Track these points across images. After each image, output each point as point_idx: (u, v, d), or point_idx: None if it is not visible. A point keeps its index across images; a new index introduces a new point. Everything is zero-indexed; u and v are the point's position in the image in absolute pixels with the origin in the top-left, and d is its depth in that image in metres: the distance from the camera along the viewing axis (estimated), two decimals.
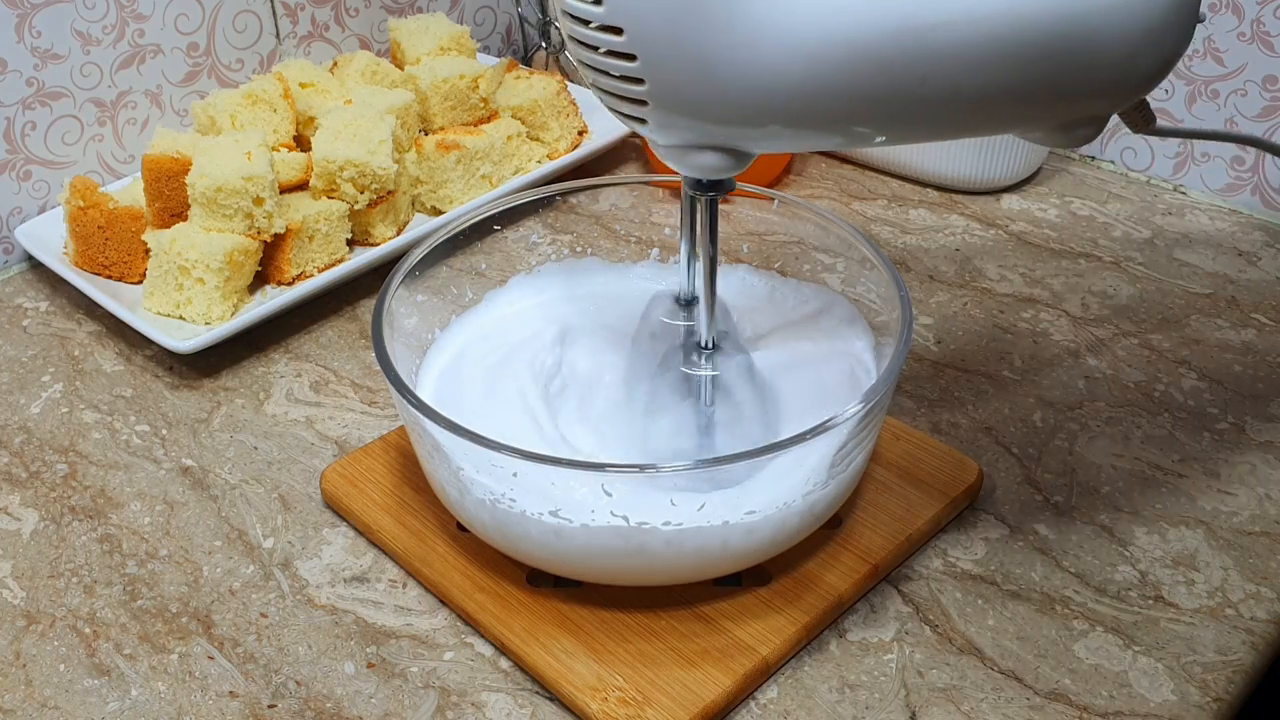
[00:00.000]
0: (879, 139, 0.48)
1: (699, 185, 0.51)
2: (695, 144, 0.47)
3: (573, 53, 0.46)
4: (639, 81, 0.44)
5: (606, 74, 0.45)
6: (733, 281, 0.66)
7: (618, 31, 0.43)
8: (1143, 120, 0.52)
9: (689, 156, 0.47)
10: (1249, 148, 0.53)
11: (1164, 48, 0.45)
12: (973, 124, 0.47)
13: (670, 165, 0.49)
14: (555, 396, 0.59)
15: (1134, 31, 0.44)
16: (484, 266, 0.65)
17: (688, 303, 0.57)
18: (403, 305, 0.59)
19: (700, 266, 0.53)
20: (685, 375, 0.56)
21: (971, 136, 0.54)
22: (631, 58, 0.43)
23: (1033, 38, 0.43)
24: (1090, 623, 0.54)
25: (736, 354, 0.57)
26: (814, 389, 0.59)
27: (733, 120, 0.45)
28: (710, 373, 0.55)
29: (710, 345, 0.55)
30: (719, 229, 0.52)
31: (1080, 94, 0.46)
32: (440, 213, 0.84)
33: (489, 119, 0.89)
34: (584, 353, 0.62)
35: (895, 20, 0.42)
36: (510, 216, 0.65)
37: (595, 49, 0.44)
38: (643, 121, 0.46)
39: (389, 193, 0.79)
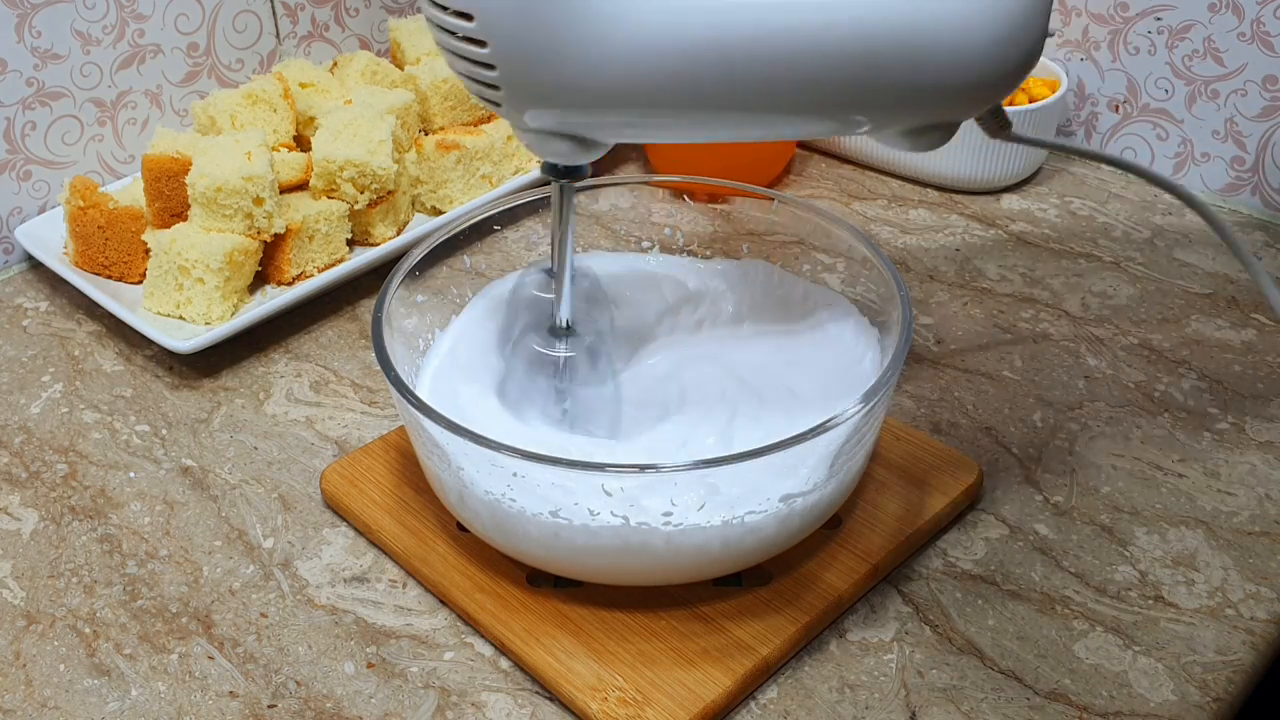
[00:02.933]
0: (723, 133, 0.49)
1: (554, 170, 0.53)
2: (547, 130, 0.48)
3: (434, 38, 0.47)
4: (490, 67, 0.45)
5: (463, 58, 0.46)
6: (747, 272, 0.66)
7: (468, 17, 0.44)
8: (998, 126, 0.53)
9: (542, 141, 0.49)
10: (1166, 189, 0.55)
11: (1010, 58, 0.46)
12: (818, 124, 0.49)
13: (526, 147, 0.51)
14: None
15: (979, 42, 0.44)
16: (484, 266, 0.65)
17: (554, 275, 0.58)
18: (403, 305, 0.59)
19: (555, 248, 0.55)
20: (538, 354, 0.57)
21: (820, 136, 0.55)
22: (483, 43, 0.45)
23: (878, 43, 0.44)
24: (1090, 623, 0.54)
25: (590, 341, 0.57)
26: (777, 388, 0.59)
27: (578, 108, 0.47)
28: (565, 354, 0.56)
29: (566, 327, 0.56)
30: (572, 219, 0.54)
31: (927, 101, 0.46)
32: (440, 213, 0.84)
33: (489, 119, 0.89)
34: (467, 337, 0.62)
35: (736, 22, 0.43)
36: (510, 216, 0.65)
37: (453, 34, 0.45)
38: (497, 105, 0.47)
39: (389, 193, 0.79)
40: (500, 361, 0.59)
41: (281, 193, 0.77)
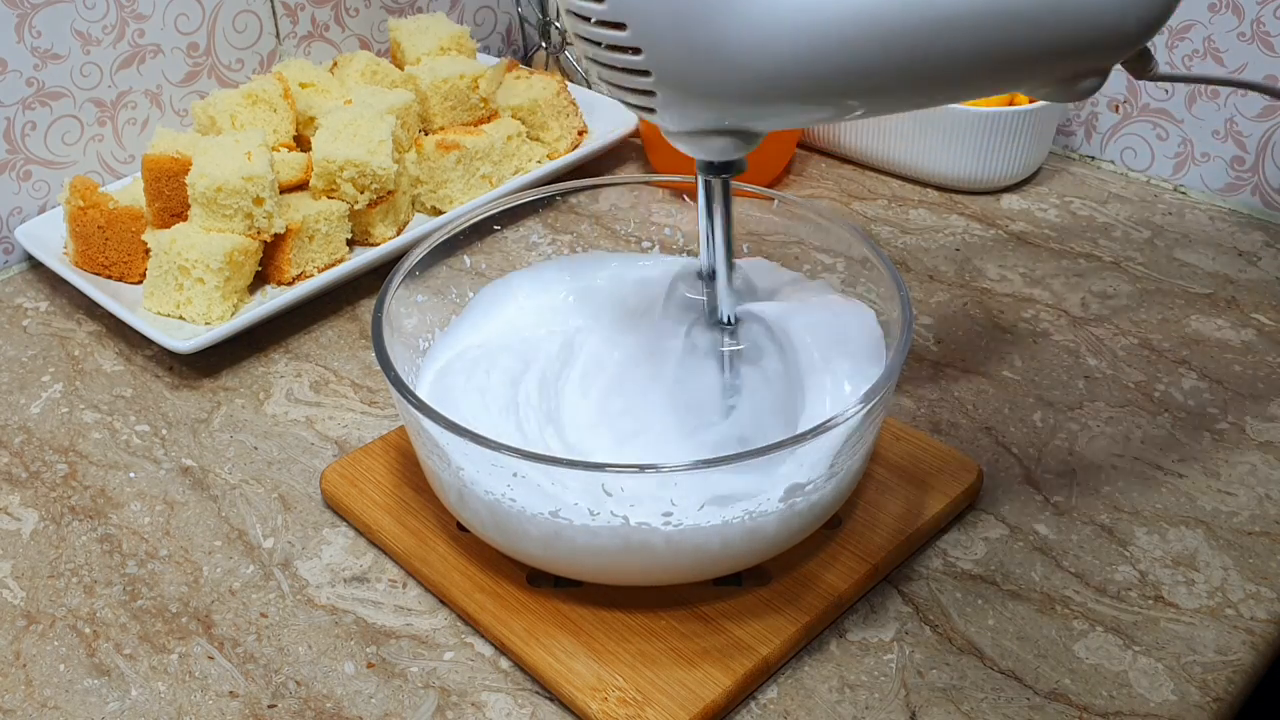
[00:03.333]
0: (885, 109, 0.48)
1: (710, 168, 0.52)
2: (704, 128, 0.48)
3: (578, 48, 0.46)
4: (645, 73, 0.45)
5: (612, 68, 0.45)
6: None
7: (620, 26, 0.43)
8: (1144, 67, 0.53)
9: (699, 140, 0.49)
10: (1259, 97, 0.54)
11: (1156, 2, 0.46)
12: (976, 87, 0.48)
13: (681, 149, 0.50)
14: (560, 391, 0.59)
15: None
16: (484, 266, 0.65)
17: (709, 277, 0.57)
18: (403, 305, 0.59)
19: (717, 244, 0.54)
20: (710, 351, 0.56)
21: (977, 98, 0.55)
22: (636, 51, 0.44)
23: (1033, 4, 0.44)
24: (1090, 623, 0.54)
25: (758, 327, 0.57)
26: (833, 336, 0.59)
27: (740, 102, 0.46)
28: (734, 346, 0.56)
29: (730, 320, 0.56)
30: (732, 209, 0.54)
31: (1079, 49, 0.47)
32: (440, 213, 0.84)
33: (489, 119, 0.89)
34: (596, 343, 0.61)
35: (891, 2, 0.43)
36: (510, 216, 0.65)
37: (599, 44, 0.45)
38: (651, 110, 0.47)
39: (389, 193, 0.79)
40: (662, 372, 0.58)
41: (281, 193, 0.77)
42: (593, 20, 0.44)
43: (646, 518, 0.49)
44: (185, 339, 0.70)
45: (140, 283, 0.76)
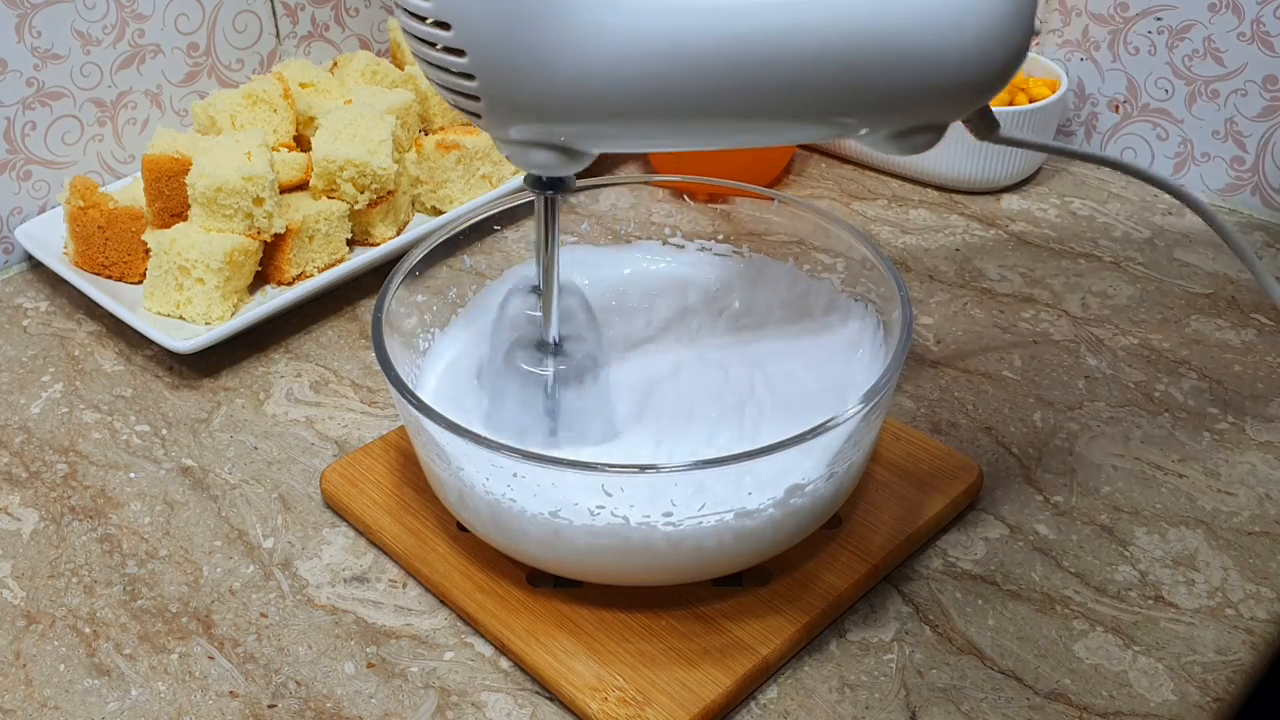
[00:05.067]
0: (709, 143, 0.48)
1: (538, 183, 0.51)
2: (530, 140, 0.47)
3: (409, 46, 0.46)
4: (470, 77, 0.44)
5: (439, 69, 0.45)
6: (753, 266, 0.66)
7: (447, 27, 0.43)
8: (986, 128, 0.52)
9: (524, 152, 0.48)
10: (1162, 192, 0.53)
11: (996, 58, 0.45)
12: (805, 130, 0.48)
13: (509, 160, 0.50)
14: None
15: (965, 41, 0.44)
16: (484, 266, 0.65)
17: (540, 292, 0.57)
18: (403, 305, 0.59)
19: (541, 264, 0.53)
20: (525, 372, 0.55)
21: (805, 142, 0.54)
22: (461, 53, 0.43)
23: (862, 47, 0.43)
24: (1090, 623, 0.54)
25: (581, 356, 0.56)
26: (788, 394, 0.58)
27: (560, 117, 0.45)
28: (548, 370, 0.55)
29: (555, 343, 0.55)
30: (558, 231, 0.53)
31: (914, 102, 0.46)
32: (440, 213, 0.84)
33: None
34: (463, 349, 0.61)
35: (720, 29, 0.42)
36: (510, 216, 0.65)
37: (431, 45, 0.44)
38: (478, 116, 0.46)
39: (389, 193, 0.79)
40: (484, 387, 0.58)
41: (281, 193, 0.77)
42: (426, 20, 0.44)
43: (646, 518, 0.49)
44: (185, 339, 0.70)
45: (140, 283, 0.76)
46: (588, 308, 0.58)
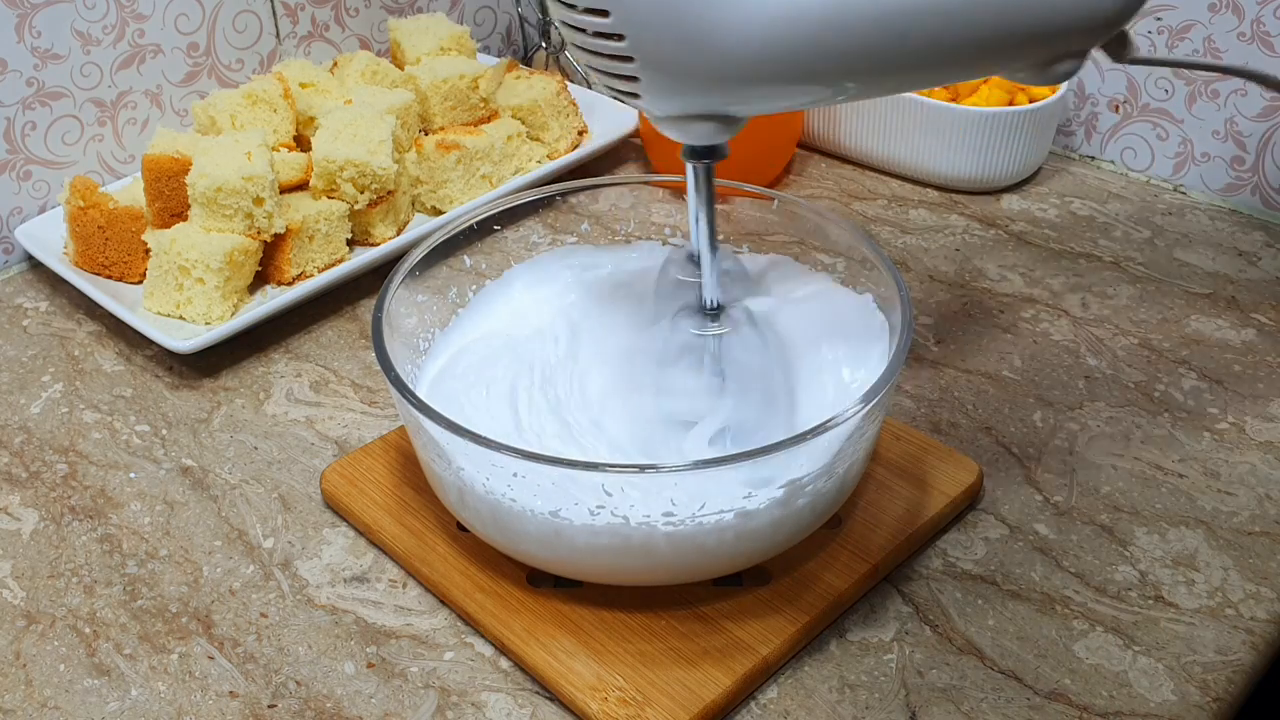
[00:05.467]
0: (866, 92, 0.49)
1: (694, 153, 0.52)
2: (688, 113, 0.48)
3: (564, 36, 0.47)
4: (628, 59, 0.45)
5: (597, 54, 0.46)
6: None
7: (604, 13, 0.44)
8: (1122, 49, 0.53)
9: (683, 125, 0.49)
10: (1257, 85, 0.54)
11: None
12: (955, 70, 0.49)
13: (665, 133, 0.51)
14: (554, 387, 0.59)
15: None
16: (484, 266, 0.65)
17: (699, 262, 0.57)
18: (403, 305, 0.59)
19: (700, 229, 0.54)
20: (694, 338, 0.56)
21: (956, 81, 0.56)
22: (620, 37, 0.45)
23: None
24: (1090, 623, 0.54)
25: (745, 314, 0.57)
26: (828, 326, 0.59)
27: (722, 86, 0.46)
28: (718, 332, 0.56)
29: (715, 305, 0.56)
30: (715, 199, 0.54)
31: (1057, 32, 0.47)
32: (440, 213, 0.84)
33: (489, 119, 0.89)
34: (587, 339, 0.61)
35: None
36: (510, 216, 0.65)
37: (584, 31, 0.45)
38: (636, 96, 0.47)
39: (389, 193, 0.79)
40: (647, 352, 0.58)
41: (281, 193, 0.77)
42: (577, 8, 0.45)
43: (646, 517, 0.49)
44: (185, 339, 0.70)
45: (140, 283, 0.76)
46: (743, 270, 0.59)
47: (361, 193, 0.77)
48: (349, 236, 0.79)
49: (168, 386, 0.71)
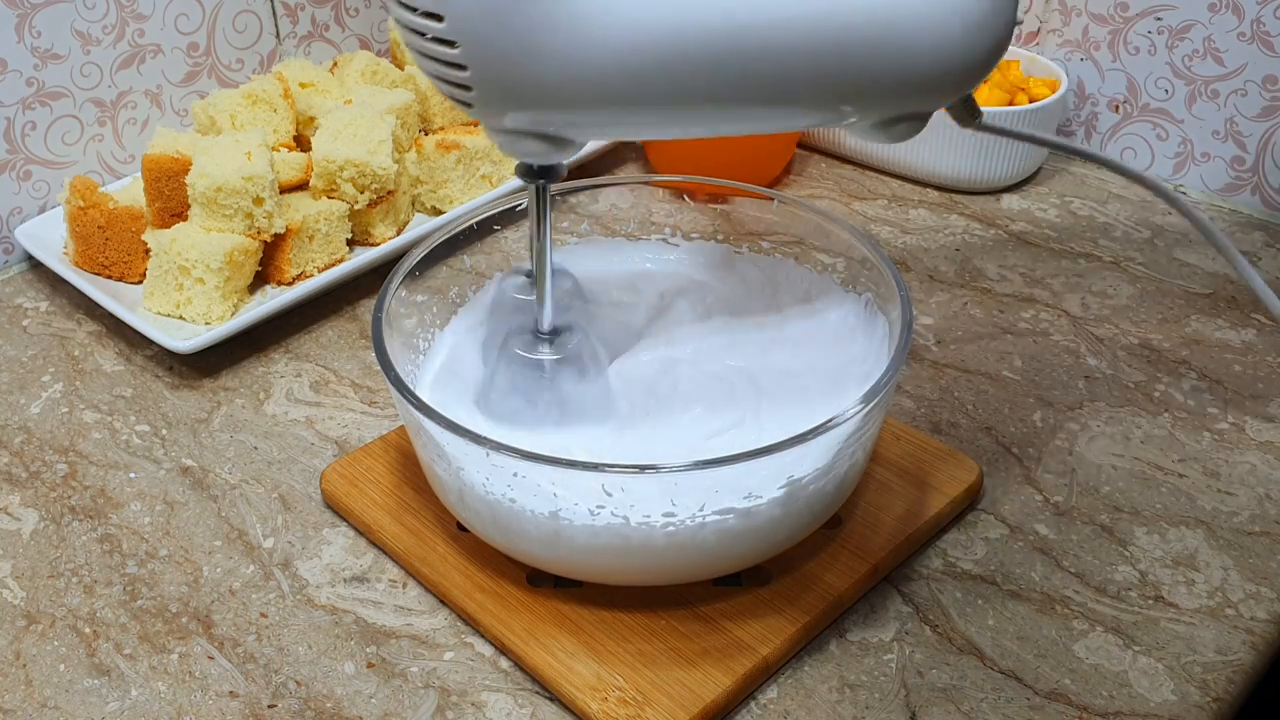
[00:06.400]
0: (698, 131, 0.49)
1: (529, 171, 0.52)
2: (521, 130, 0.48)
3: (401, 37, 0.47)
4: (461, 68, 0.45)
5: (432, 59, 0.45)
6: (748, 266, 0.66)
7: (438, 19, 0.44)
8: (969, 115, 0.53)
9: (515, 141, 0.49)
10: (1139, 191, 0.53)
11: (980, 47, 0.46)
12: (791, 117, 0.49)
13: (500, 148, 0.50)
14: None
15: (949, 30, 0.45)
16: (484, 266, 0.65)
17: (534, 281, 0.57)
18: (403, 305, 0.59)
19: (534, 251, 0.54)
20: (525, 362, 0.56)
21: (791, 130, 0.56)
22: (452, 44, 0.44)
23: (849, 36, 0.44)
24: (1090, 623, 0.54)
25: (575, 344, 0.57)
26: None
27: (552, 107, 0.46)
28: (550, 357, 0.56)
29: (551, 331, 0.56)
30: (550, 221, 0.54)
31: (899, 91, 0.47)
32: (440, 213, 0.84)
33: None
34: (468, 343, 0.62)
35: (706, 17, 0.43)
36: (510, 216, 0.65)
37: (422, 35, 0.45)
38: (469, 105, 0.47)
39: (389, 193, 0.79)
40: (482, 372, 0.58)
41: (281, 193, 0.77)
42: (416, 10, 0.44)
43: (646, 518, 0.49)
44: (185, 339, 0.70)
45: (140, 283, 0.76)
46: (582, 295, 0.58)
47: (361, 193, 0.77)
48: (349, 236, 0.79)
49: (168, 386, 0.71)
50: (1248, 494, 0.61)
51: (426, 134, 0.87)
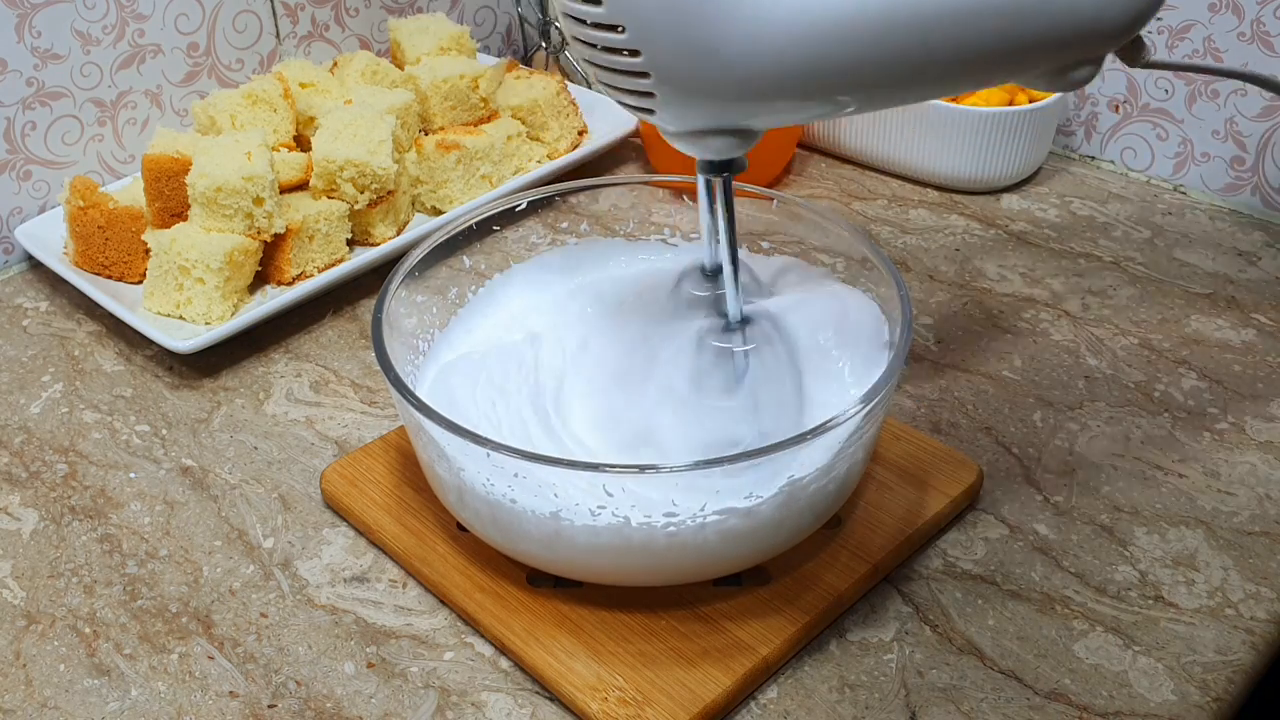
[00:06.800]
0: (882, 103, 0.49)
1: (711, 167, 0.52)
2: (704, 128, 0.48)
3: (576, 51, 0.46)
4: (644, 75, 0.45)
5: (611, 69, 0.46)
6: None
7: (618, 29, 0.44)
8: (1136, 54, 0.53)
9: (700, 140, 0.49)
10: (1254, 86, 0.53)
11: None
12: (971, 79, 0.49)
13: (681, 150, 0.50)
14: (563, 389, 0.58)
15: None
16: (484, 267, 0.65)
17: (714, 274, 0.57)
18: (403, 305, 0.59)
19: (723, 244, 0.54)
20: (720, 351, 0.56)
21: (973, 90, 0.56)
22: (635, 53, 0.44)
23: None
24: (1090, 623, 0.54)
25: (767, 325, 0.57)
26: (838, 331, 0.59)
27: (739, 100, 0.46)
28: (745, 347, 0.55)
29: (741, 319, 0.56)
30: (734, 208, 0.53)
31: (1072, 40, 0.47)
32: (440, 213, 0.84)
33: (489, 119, 0.89)
34: (600, 340, 0.61)
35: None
36: (510, 216, 0.65)
37: (597, 47, 0.45)
38: (650, 111, 0.47)
39: (389, 193, 0.79)
40: (670, 370, 0.57)
41: (281, 193, 0.77)
42: (590, 23, 0.44)
43: (647, 518, 0.49)
44: (185, 339, 0.70)
45: (140, 283, 0.76)
46: (756, 280, 0.59)
47: (361, 193, 0.77)
48: (349, 236, 0.79)
49: (168, 386, 0.71)
50: (1248, 494, 0.61)
51: (426, 134, 0.87)
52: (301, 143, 0.84)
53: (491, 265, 0.66)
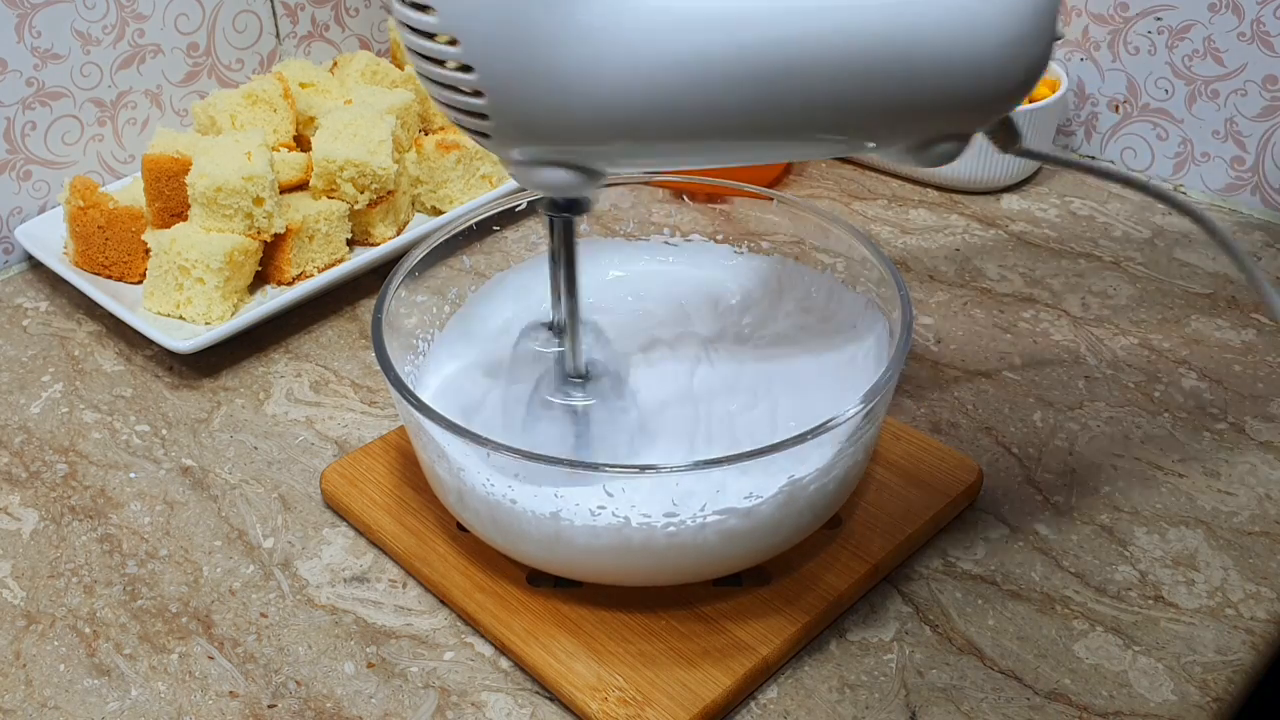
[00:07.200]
0: (728, 160, 0.46)
1: (554, 205, 0.49)
2: (542, 160, 0.45)
3: (414, 65, 0.44)
4: (479, 94, 0.43)
5: (445, 86, 0.43)
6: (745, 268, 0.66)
7: (454, 43, 0.41)
8: (1008, 139, 0.51)
9: (535, 173, 0.46)
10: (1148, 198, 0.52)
11: (1018, 66, 0.44)
12: (825, 143, 0.47)
13: (518, 182, 0.47)
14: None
15: (986, 48, 0.43)
16: (484, 266, 0.65)
17: (560, 330, 0.54)
18: (403, 305, 0.59)
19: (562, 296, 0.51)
20: (553, 404, 0.54)
21: (825, 157, 0.53)
22: (469, 69, 0.42)
23: (881, 57, 0.42)
24: (1090, 623, 0.54)
25: (611, 385, 0.55)
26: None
27: (576, 137, 0.44)
28: (582, 402, 0.54)
29: (583, 374, 0.54)
30: (576, 252, 0.50)
31: (935, 113, 0.45)
32: (440, 213, 0.84)
33: None
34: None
35: (734, 41, 0.41)
36: (510, 216, 0.65)
37: (432, 60, 0.42)
38: (486, 136, 0.44)
39: (389, 193, 0.79)
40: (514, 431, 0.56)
41: (281, 193, 0.77)
42: (422, 32, 0.42)
43: (647, 518, 0.49)
44: (185, 339, 0.70)
45: (140, 283, 0.76)
46: (598, 330, 0.57)
47: (361, 193, 0.77)
48: (349, 236, 0.79)
49: (168, 386, 0.71)
50: (1248, 494, 0.61)
51: (426, 134, 0.87)
52: (301, 143, 0.84)
53: (491, 265, 0.66)
